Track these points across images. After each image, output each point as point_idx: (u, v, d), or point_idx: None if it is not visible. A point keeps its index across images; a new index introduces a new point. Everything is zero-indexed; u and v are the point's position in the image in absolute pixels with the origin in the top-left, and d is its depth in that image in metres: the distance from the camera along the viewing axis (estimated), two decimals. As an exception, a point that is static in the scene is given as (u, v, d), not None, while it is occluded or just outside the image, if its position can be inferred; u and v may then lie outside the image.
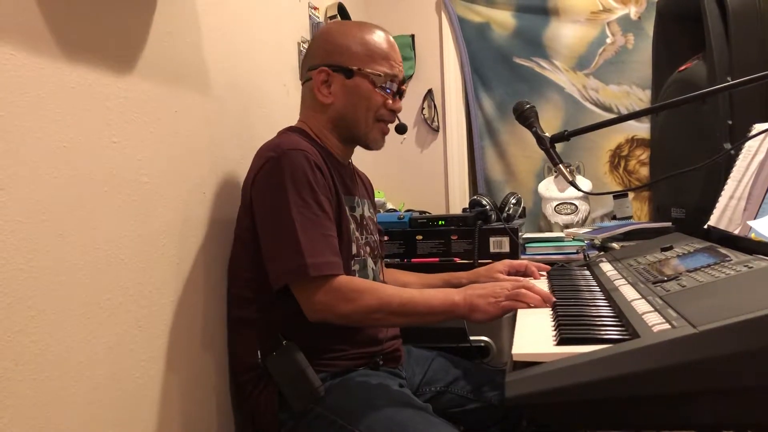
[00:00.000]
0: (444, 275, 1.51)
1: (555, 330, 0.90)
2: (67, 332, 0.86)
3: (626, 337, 0.80)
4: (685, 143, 1.83)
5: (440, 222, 1.84)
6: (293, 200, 1.11)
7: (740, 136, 1.38)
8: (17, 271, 0.79)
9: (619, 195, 2.16)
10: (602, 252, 1.68)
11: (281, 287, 1.12)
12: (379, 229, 1.46)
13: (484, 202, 1.87)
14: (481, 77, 2.52)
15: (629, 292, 1.00)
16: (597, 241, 1.81)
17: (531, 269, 1.43)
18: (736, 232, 1.18)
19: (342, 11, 2.06)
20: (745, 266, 0.89)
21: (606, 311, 0.98)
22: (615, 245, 1.72)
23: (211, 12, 1.29)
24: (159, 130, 1.09)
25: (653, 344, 0.71)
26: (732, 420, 0.72)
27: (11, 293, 0.78)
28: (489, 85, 2.51)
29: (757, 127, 1.30)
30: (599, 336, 0.83)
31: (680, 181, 1.80)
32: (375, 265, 1.35)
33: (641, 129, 2.34)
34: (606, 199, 2.34)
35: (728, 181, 1.33)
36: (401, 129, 1.36)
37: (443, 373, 1.40)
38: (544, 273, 1.43)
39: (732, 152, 1.39)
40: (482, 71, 2.52)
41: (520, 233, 1.85)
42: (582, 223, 2.28)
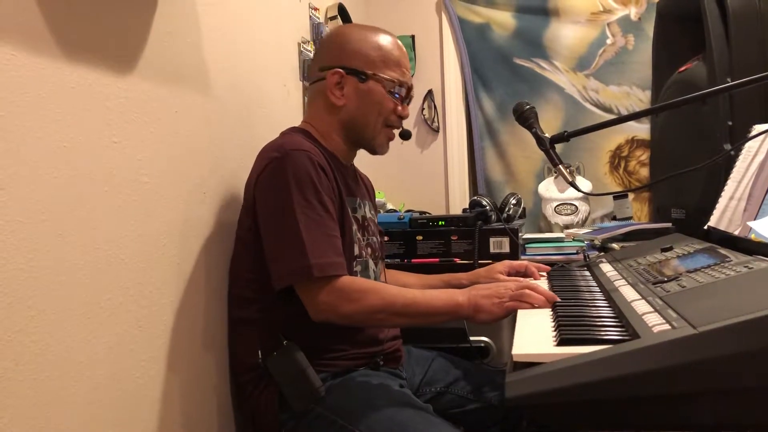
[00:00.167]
0: (444, 276, 1.51)
1: (555, 330, 0.90)
2: (68, 332, 0.86)
3: (626, 338, 0.80)
4: (685, 144, 1.84)
5: (440, 222, 1.84)
6: (297, 201, 1.11)
7: (740, 137, 1.38)
8: (17, 271, 0.79)
9: (619, 196, 2.16)
10: (602, 252, 1.69)
11: (284, 287, 1.12)
12: (380, 230, 1.46)
13: (484, 203, 1.87)
14: (482, 78, 2.52)
15: (629, 293, 1.00)
16: (597, 242, 1.81)
17: (531, 270, 1.43)
18: (736, 233, 1.18)
19: (342, 12, 2.06)
20: (745, 267, 0.89)
21: (606, 312, 0.98)
22: (615, 246, 1.72)
23: (212, 12, 1.29)
24: (159, 130, 1.09)
25: (653, 345, 0.71)
26: (732, 420, 0.72)
27: (11, 293, 0.78)
28: (489, 86, 2.51)
29: (757, 128, 1.30)
30: (599, 336, 0.83)
31: (680, 182, 1.80)
32: (376, 267, 1.35)
33: (641, 130, 2.34)
34: (606, 200, 2.34)
35: (728, 182, 1.33)
36: (406, 135, 1.38)
37: (443, 374, 1.40)
38: (544, 273, 1.43)
39: (732, 153, 1.39)
40: (482, 72, 2.52)
41: (520, 234, 1.85)
42: (582, 224, 2.28)
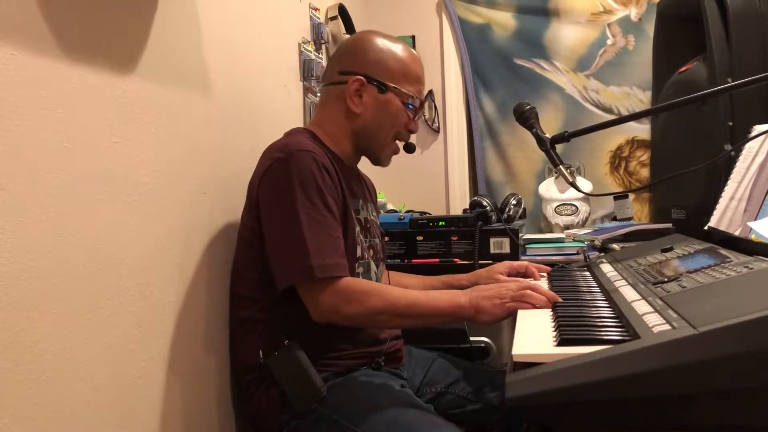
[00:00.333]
0: (444, 277, 1.51)
1: (555, 331, 0.90)
2: (68, 332, 0.86)
3: (626, 338, 0.80)
4: (686, 144, 1.84)
5: (440, 223, 1.84)
6: (300, 201, 1.12)
7: (740, 138, 1.38)
8: (18, 272, 0.79)
9: (620, 196, 2.16)
10: (603, 253, 1.69)
11: (286, 287, 1.13)
12: (382, 232, 1.46)
13: (485, 203, 1.87)
14: (482, 78, 2.52)
15: (629, 293, 1.00)
16: (597, 242, 1.81)
17: (531, 270, 1.43)
18: (737, 234, 1.18)
19: (343, 12, 2.06)
20: (746, 267, 0.89)
21: (606, 312, 0.98)
22: (615, 246, 1.72)
23: (212, 12, 1.29)
24: (159, 131, 1.09)
25: (653, 345, 0.71)
26: (732, 421, 0.72)
27: (12, 293, 0.78)
28: (489, 86, 2.51)
29: (758, 129, 1.30)
30: (599, 337, 0.83)
31: (681, 183, 1.80)
32: (377, 269, 1.35)
33: (642, 130, 2.34)
34: (606, 200, 2.34)
35: (728, 183, 1.33)
36: (410, 148, 1.39)
37: (444, 374, 1.39)
38: (545, 274, 1.43)
39: (732, 153, 1.39)
40: (483, 72, 2.52)
41: (521, 234, 1.85)
42: (582, 224, 2.28)
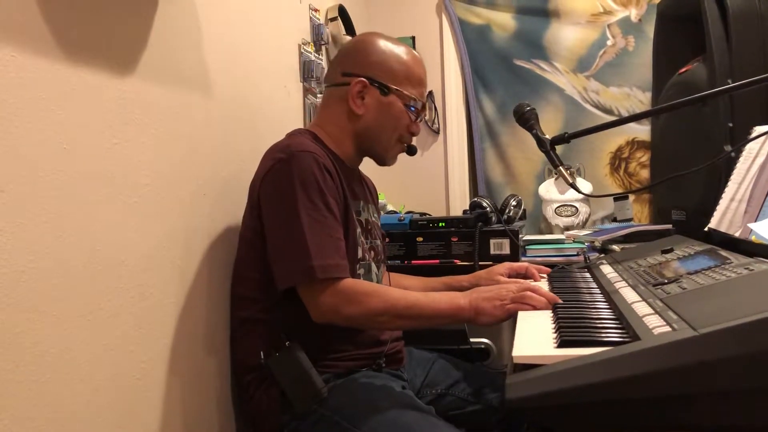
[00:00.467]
0: (445, 279, 1.51)
1: (555, 332, 0.90)
2: (68, 333, 0.86)
3: (627, 340, 0.80)
4: (686, 145, 1.83)
5: (440, 224, 1.83)
6: (302, 202, 1.12)
7: (741, 139, 1.38)
8: (18, 273, 0.79)
9: (620, 197, 2.15)
10: (603, 254, 1.69)
11: (287, 288, 1.13)
12: (383, 234, 1.46)
13: (485, 204, 1.87)
14: (482, 79, 2.52)
15: (630, 295, 1.00)
16: (597, 243, 1.81)
17: (531, 271, 1.43)
18: (737, 235, 1.18)
19: (343, 13, 2.06)
20: (746, 269, 0.89)
21: (606, 313, 0.98)
22: (615, 247, 1.72)
23: (212, 13, 1.29)
24: (160, 132, 1.09)
25: (654, 347, 0.71)
26: (732, 423, 0.72)
27: (12, 294, 0.78)
28: (489, 87, 2.51)
29: (758, 130, 1.30)
30: (600, 338, 0.83)
31: (681, 184, 1.80)
32: (378, 270, 1.35)
33: (642, 131, 2.34)
34: (606, 201, 2.33)
35: (729, 184, 1.33)
36: (412, 151, 1.40)
37: (444, 376, 1.39)
38: (545, 275, 1.43)
39: (732, 154, 1.39)
40: (483, 73, 2.51)
41: (521, 235, 1.85)
42: (582, 225, 2.28)
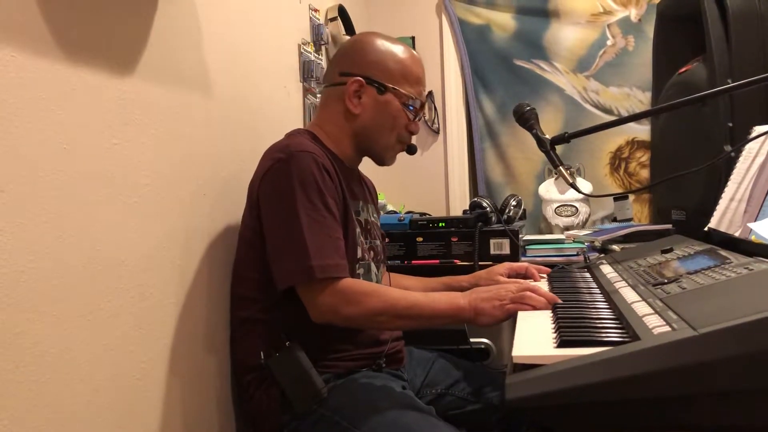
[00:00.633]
0: (445, 279, 1.51)
1: (555, 332, 0.90)
2: (68, 334, 0.86)
3: (626, 340, 0.80)
4: (686, 145, 1.83)
5: (440, 224, 1.83)
6: (301, 202, 1.12)
7: (740, 139, 1.38)
8: (18, 273, 0.79)
9: (620, 197, 2.15)
10: (602, 254, 1.69)
11: (286, 288, 1.13)
12: (382, 234, 1.46)
13: (485, 204, 1.87)
14: (482, 79, 2.52)
15: (629, 295, 1.00)
16: (597, 243, 1.81)
17: (531, 271, 1.43)
18: (737, 235, 1.18)
19: (342, 13, 2.06)
20: (746, 268, 0.89)
21: (606, 313, 0.98)
22: (615, 247, 1.72)
23: (212, 13, 1.29)
24: (159, 132, 1.09)
25: (653, 347, 0.71)
26: (732, 422, 0.72)
27: (12, 295, 0.78)
28: (489, 87, 2.51)
29: (758, 130, 1.30)
30: (599, 338, 0.83)
31: (680, 184, 1.80)
32: (378, 270, 1.35)
33: (641, 131, 2.34)
34: (606, 201, 2.33)
35: (728, 184, 1.33)
36: (412, 150, 1.39)
37: (444, 375, 1.39)
38: (545, 275, 1.43)
39: (732, 154, 1.39)
40: (482, 73, 2.52)
41: (521, 235, 1.85)
42: (582, 225, 2.28)
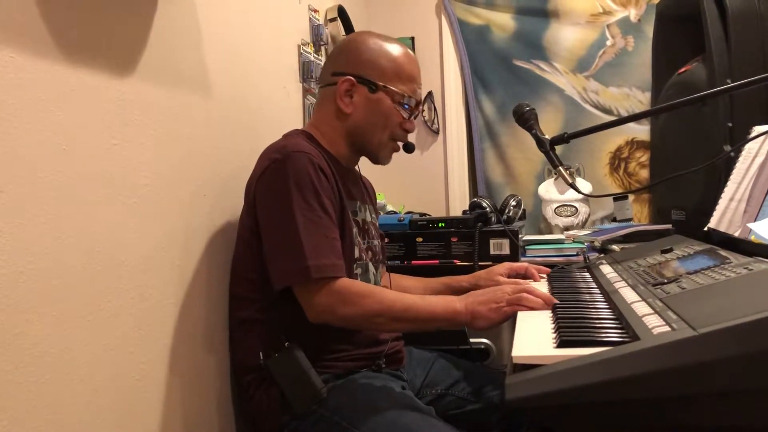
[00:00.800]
0: (444, 279, 1.51)
1: (555, 332, 0.90)
2: (67, 334, 0.86)
3: (626, 340, 0.80)
4: (685, 145, 1.83)
5: (440, 224, 1.83)
6: (297, 202, 1.12)
7: (740, 139, 1.38)
8: (17, 274, 0.79)
9: (619, 197, 2.15)
10: (602, 254, 1.68)
11: (283, 288, 1.13)
12: (381, 235, 1.46)
13: (484, 204, 1.87)
14: (481, 79, 2.52)
15: (629, 295, 1.00)
16: (597, 244, 1.81)
17: (531, 271, 1.43)
18: (736, 235, 1.18)
19: (342, 14, 2.06)
20: (745, 268, 0.89)
21: (606, 313, 0.98)
22: (615, 247, 1.72)
23: (212, 14, 1.29)
24: (159, 132, 1.09)
25: (653, 347, 0.71)
26: (732, 422, 0.72)
27: (11, 295, 0.78)
28: (489, 88, 2.51)
29: (757, 129, 1.30)
30: (599, 338, 0.83)
31: (680, 184, 1.80)
32: (376, 270, 1.35)
33: (641, 131, 2.34)
34: (606, 202, 2.33)
35: (728, 184, 1.33)
36: (409, 148, 1.39)
37: (444, 375, 1.39)
38: (544, 275, 1.43)
39: (732, 154, 1.39)
40: (482, 73, 2.52)
41: (520, 235, 1.85)
42: (582, 225, 2.28)
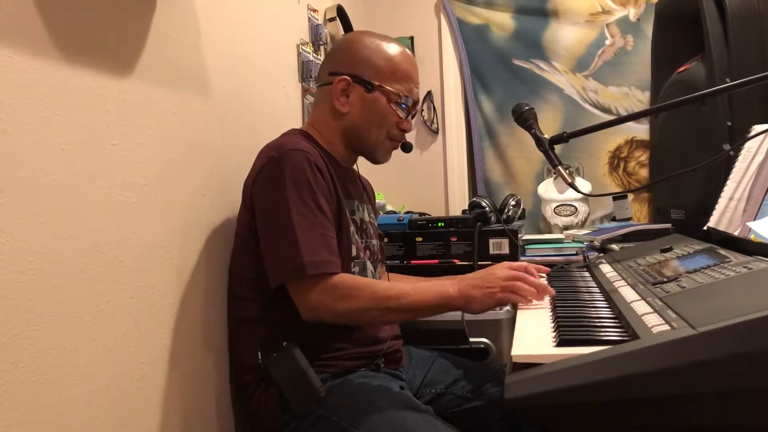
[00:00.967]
0: (443, 278, 1.51)
1: (554, 331, 0.90)
2: (67, 334, 0.86)
3: (626, 339, 0.80)
4: (685, 144, 1.84)
5: (440, 224, 1.83)
6: (292, 200, 1.12)
7: (739, 137, 1.38)
8: (17, 274, 0.79)
9: (619, 196, 2.15)
10: (602, 253, 1.68)
11: (279, 286, 1.13)
12: (380, 234, 1.46)
13: (484, 204, 1.87)
14: (481, 79, 2.52)
15: (629, 294, 1.00)
16: (596, 243, 1.81)
17: (530, 271, 1.42)
18: (736, 234, 1.18)
19: (341, 13, 2.06)
20: (745, 267, 0.89)
21: (605, 312, 0.98)
22: (614, 247, 1.72)
23: (211, 14, 1.29)
24: (158, 132, 1.09)
25: (653, 345, 0.71)
26: (732, 422, 0.72)
27: (11, 295, 0.78)
28: (488, 87, 2.51)
29: (756, 128, 1.30)
30: (599, 337, 0.83)
31: (680, 183, 1.80)
32: (374, 270, 1.35)
33: (640, 130, 2.34)
34: (605, 201, 2.34)
35: (728, 183, 1.33)
36: (407, 147, 1.39)
37: (443, 375, 1.39)
38: (544, 275, 1.42)
39: (731, 153, 1.39)
40: (481, 73, 2.52)
41: (520, 235, 1.85)
42: (581, 225, 2.28)
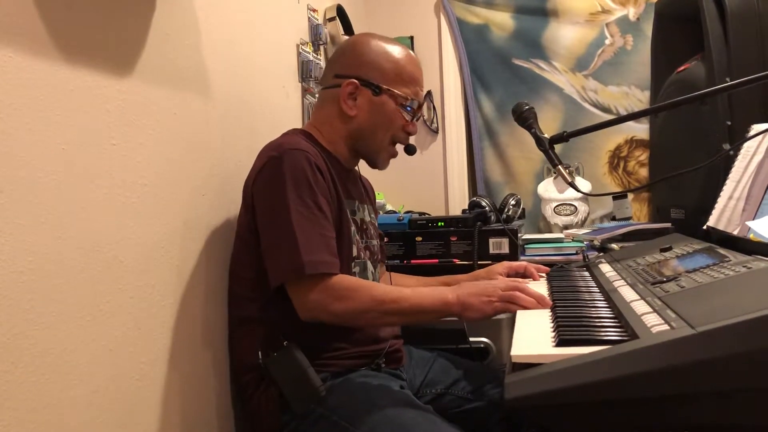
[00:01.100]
0: (443, 278, 1.51)
1: (554, 331, 0.90)
2: (67, 334, 0.86)
3: (625, 339, 0.80)
4: (684, 144, 1.84)
5: (439, 223, 1.84)
6: (292, 200, 1.12)
7: (739, 137, 1.38)
8: (17, 274, 0.79)
9: (619, 196, 2.15)
10: (601, 253, 1.69)
11: (278, 286, 1.13)
12: (380, 234, 1.46)
13: (484, 204, 1.87)
14: (480, 79, 2.52)
15: (628, 293, 1.00)
16: (596, 242, 1.81)
17: (530, 270, 1.43)
18: (735, 233, 1.18)
19: (341, 13, 2.06)
20: (744, 267, 0.89)
21: (605, 312, 0.98)
22: (614, 246, 1.72)
23: (210, 14, 1.29)
24: (158, 132, 1.09)
25: (652, 345, 0.71)
26: (732, 421, 0.72)
27: (11, 295, 0.78)
28: (488, 87, 2.51)
29: (756, 128, 1.30)
30: (598, 337, 0.83)
31: (679, 182, 1.80)
32: (374, 270, 1.35)
33: (640, 130, 2.34)
34: (605, 200, 2.34)
35: (727, 182, 1.33)
36: (410, 150, 1.39)
37: (444, 375, 1.39)
38: (544, 274, 1.43)
39: (731, 153, 1.39)
40: (481, 73, 2.52)
41: (520, 234, 1.85)
42: (581, 224, 2.28)
